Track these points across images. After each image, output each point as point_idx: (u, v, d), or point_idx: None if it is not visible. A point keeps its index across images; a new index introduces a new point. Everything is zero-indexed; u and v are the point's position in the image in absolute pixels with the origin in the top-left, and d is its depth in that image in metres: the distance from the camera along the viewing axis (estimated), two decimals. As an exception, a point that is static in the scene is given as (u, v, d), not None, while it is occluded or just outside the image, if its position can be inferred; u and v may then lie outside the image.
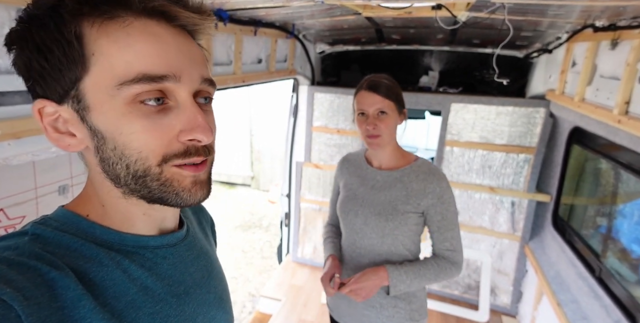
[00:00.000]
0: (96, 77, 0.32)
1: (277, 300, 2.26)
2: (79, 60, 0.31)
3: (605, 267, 1.46)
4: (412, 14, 1.40)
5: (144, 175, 0.34)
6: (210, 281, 0.45)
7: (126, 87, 0.31)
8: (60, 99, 0.33)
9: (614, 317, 1.27)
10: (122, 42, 0.31)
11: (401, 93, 0.96)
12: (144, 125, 0.33)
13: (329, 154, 2.36)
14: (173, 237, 0.41)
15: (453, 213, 0.95)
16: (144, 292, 0.36)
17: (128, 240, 0.37)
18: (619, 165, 1.37)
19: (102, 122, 0.33)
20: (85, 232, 0.36)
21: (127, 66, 0.31)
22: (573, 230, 1.78)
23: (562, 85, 1.56)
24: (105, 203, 0.37)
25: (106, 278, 0.33)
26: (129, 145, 0.33)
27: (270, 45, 1.71)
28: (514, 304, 2.12)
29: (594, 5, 0.93)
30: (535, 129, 1.89)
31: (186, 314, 0.39)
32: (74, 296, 0.30)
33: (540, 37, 1.65)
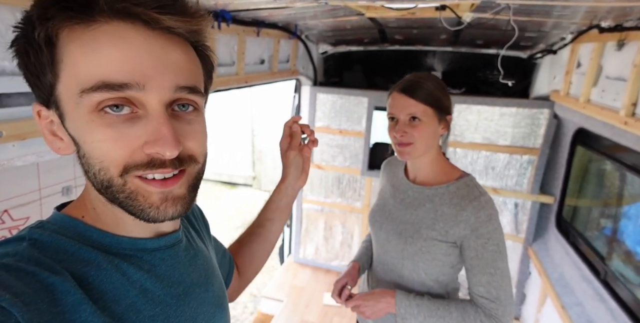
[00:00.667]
0: (65, 83, 0.31)
1: (279, 301, 2.26)
2: (49, 66, 0.31)
3: (610, 270, 1.44)
4: (416, 15, 1.40)
5: (109, 186, 0.33)
6: (208, 280, 0.45)
7: (87, 95, 0.30)
8: (47, 104, 0.34)
9: (620, 321, 1.25)
10: (87, 47, 0.30)
11: (445, 97, 0.82)
12: (106, 134, 0.31)
13: (331, 154, 2.35)
14: (170, 238, 0.41)
15: (493, 252, 0.76)
16: (144, 294, 0.36)
17: (125, 243, 0.37)
18: (624, 166, 1.35)
19: (72, 129, 0.33)
20: (82, 235, 0.35)
21: (89, 73, 0.30)
22: (577, 232, 1.77)
23: (567, 86, 1.55)
24: (95, 206, 0.37)
25: (105, 282, 0.33)
26: (92, 154, 0.32)
27: (272, 45, 1.71)
28: (517, 306, 2.11)
29: (600, 6, 0.93)
30: (539, 130, 1.88)
31: (186, 315, 0.39)
32: (74, 300, 0.30)
33: (545, 37, 1.64)
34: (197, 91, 0.35)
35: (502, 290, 0.76)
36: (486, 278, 0.76)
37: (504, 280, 0.77)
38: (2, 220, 0.69)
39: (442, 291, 0.86)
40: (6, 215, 0.69)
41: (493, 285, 0.76)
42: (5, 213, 0.69)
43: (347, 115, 2.25)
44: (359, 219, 2.41)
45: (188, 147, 0.35)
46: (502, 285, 0.76)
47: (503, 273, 0.77)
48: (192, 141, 0.35)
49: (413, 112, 0.79)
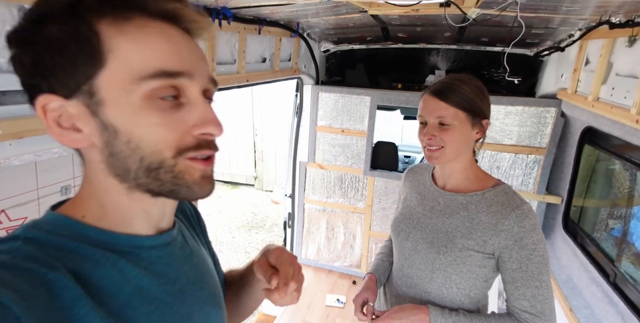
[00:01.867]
0: (113, 72, 0.33)
1: (281, 302, 2.24)
2: (96, 56, 0.33)
3: (620, 272, 1.41)
4: (420, 12, 1.37)
5: (157, 168, 0.35)
6: (203, 278, 0.46)
7: (145, 83, 0.33)
8: (70, 94, 0.34)
9: (630, 324, 1.22)
10: (139, 40, 0.33)
11: (482, 100, 0.78)
12: (161, 118, 0.34)
13: (333, 154, 2.33)
14: (167, 235, 0.42)
15: (539, 264, 0.72)
16: (140, 291, 0.36)
17: (122, 240, 0.37)
18: (635, 166, 1.32)
19: (117, 116, 0.34)
20: (78, 233, 0.36)
21: (145, 63, 0.33)
22: (585, 233, 1.73)
23: (575, 84, 1.51)
24: (104, 202, 0.37)
25: (103, 278, 0.34)
26: (146, 138, 0.34)
27: (274, 44, 1.69)
28: None
29: (612, 0, 0.90)
30: (546, 129, 1.85)
31: (182, 312, 0.40)
32: (73, 296, 0.31)
33: (552, 34, 1.61)
34: (217, 83, 0.39)
35: (547, 304, 0.72)
36: (531, 292, 0.72)
37: (549, 294, 0.73)
38: (0, 220, 0.68)
39: (474, 307, 0.81)
40: (3, 215, 0.69)
41: (538, 299, 0.72)
42: (3, 213, 0.68)
43: (349, 115, 2.23)
44: (361, 219, 2.39)
45: None
46: (547, 299, 0.72)
47: (548, 286, 0.73)
48: None
49: (443, 115, 0.76)
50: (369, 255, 2.41)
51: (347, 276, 2.47)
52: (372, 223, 2.36)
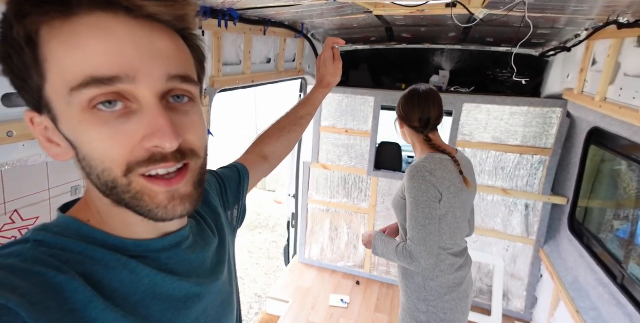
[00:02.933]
0: (53, 84, 0.30)
1: (285, 302, 2.24)
2: (34, 67, 0.29)
3: (628, 274, 1.40)
4: (425, 12, 1.37)
5: (114, 187, 0.32)
6: (217, 269, 0.46)
7: (77, 93, 0.29)
8: (38, 109, 0.32)
9: (637, 326, 1.21)
10: (70, 41, 0.28)
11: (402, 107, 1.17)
12: (102, 132, 0.30)
13: (337, 154, 2.33)
14: (176, 236, 0.40)
15: (411, 204, 1.05)
16: (153, 290, 0.36)
17: (129, 246, 0.36)
18: (642, 167, 1.31)
19: (67, 131, 0.31)
20: (87, 237, 0.35)
21: (75, 69, 0.29)
22: (592, 234, 1.72)
23: (582, 84, 1.50)
24: (100, 210, 0.36)
25: (114, 280, 0.34)
26: (92, 156, 0.31)
27: (279, 44, 1.70)
28: (528, 310, 2.06)
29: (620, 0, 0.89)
30: (551, 130, 1.84)
31: (196, 307, 0.40)
32: (84, 298, 0.30)
33: (558, 34, 1.60)
34: (191, 80, 0.33)
35: (416, 233, 1.04)
36: (410, 224, 1.06)
37: (418, 225, 1.04)
38: (12, 220, 0.69)
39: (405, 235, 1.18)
40: (16, 215, 0.69)
41: (411, 228, 1.05)
42: (16, 213, 0.69)
43: (353, 115, 2.23)
44: (365, 220, 2.39)
45: (188, 141, 0.33)
46: (416, 229, 1.04)
47: (416, 221, 1.04)
48: (192, 134, 0.34)
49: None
50: (373, 255, 2.41)
51: (351, 276, 2.47)
52: (375, 224, 2.35)
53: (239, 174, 0.64)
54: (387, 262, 2.40)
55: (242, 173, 0.65)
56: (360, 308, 2.19)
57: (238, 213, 0.61)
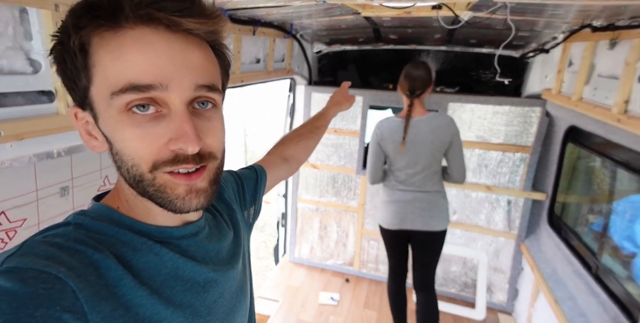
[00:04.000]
0: (97, 87, 0.35)
1: (275, 301, 2.25)
2: (83, 71, 0.34)
3: (601, 264, 1.48)
4: (412, 14, 1.41)
5: (140, 180, 0.36)
6: (233, 259, 0.49)
7: (117, 97, 0.34)
8: (83, 106, 0.37)
9: (611, 314, 1.29)
10: (115, 52, 0.33)
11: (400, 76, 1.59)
12: (135, 133, 0.35)
13: (326, 153, 2.35)
14: (194, 226, 0.44)
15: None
16: (175, 272, 0.40)
17: (153, 231, 0.41)
18: (616, 163, 1.39)
19: (105, 129, 0.36)
20: (117, 221, 0.39)
21: (118, 76, 0.33)
22: (569, 228, 1.81)
23: (559, 84, 1.58)
24: (127, 199, 0.41)
25: (141, 261, 0.37)
26: (124, 152, 0.36)
27: (268, 44, 1.70)
28: (510, 302, 2.15)
29: (594, 4, 0.95)
30: (531, 128, 1.92)
31: (214, 291, 0.44)
32: (116, 276, 0.34)
33: (537, 37, 1.68)
34: (215, 89, 0.38)
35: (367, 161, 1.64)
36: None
37: (368, 160, 1.64)
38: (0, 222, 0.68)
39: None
40: (3, 216, 0.68)
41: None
42: (2, 214, 0.68)
43: (341, 115, 2.25)
44: (354, 218, 2.42)
45: (208, 144, 0.38)
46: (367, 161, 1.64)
47: (369, 155, 1.64)
48: (212, 137, 0.38)
49: None
50: (362, 253, 2.45)
51: (340, 274, 2.49)
52: (364, 222, 2.39)
53: (256, 175, 0.68)
54: (376, 259, 2.44)
55: (259, 174, 0.69)
56: (349, 305, 2.22)
57: (254, 212, 0.66)
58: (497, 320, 2.11)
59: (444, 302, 2.16)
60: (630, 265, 1.81)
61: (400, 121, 1.55)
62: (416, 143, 1.53)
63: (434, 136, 1.53)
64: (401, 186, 1.61)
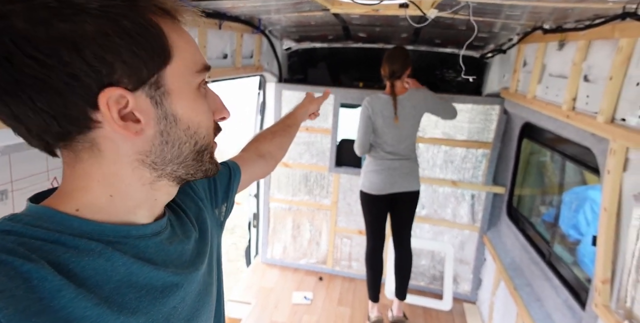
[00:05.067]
0: (176, 66, 0.37)
1: (247, 304, 2.19)
2: (166, 50, 0.35)
3: (553, 252, 1.60)
4: (380, 12, 1.43)
5: (204, 149, 0.41)
6: (197, 260, 0.47)
7: (198, 75, 0.38)
8: (137, 86, 0.35)
9: (562, 297, 1.39)
10: (184, 37, 0.38)
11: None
12: (205, 106, 0.40)
13: (298, 152, 2.33)
14: (156, 225, 0.42)
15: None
16: (129, 278, 0.37)
17: (108, 230, 0.37)
18: (564, 156, 1.50)
19: (180, 105, 0.37)
20: (61, 225, 0.35)
21: (194, 57, 0.38)
22: (525, 219, 1.93)
23: (515, 83, 1.68)
24: (118, 192, 0.38)
25: (87, 268, 0.34)
26: (202, 124, 0.39)
27: (235, 40, 1.65)
28: (474, 291, 2.25)
29: (544, 6, 1.01)
30: (492, 125, 2.03)
31: (175, 295, 0.41)
32: (52, 287, 0.31)
33: (495, 38, 1.77)
34: None
35: (357, 134, 1.82)
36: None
37: (357, 132, 1.83)
38: None
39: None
40: None
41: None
42: None
43: (313, 112, 2.25)
44: (327, 216, 2.42)
45: None
46: (357, 133, 1.83)
47: (358, 128, 1.81)
48: None
49: None
50: (335, 251, 2.46)
51: (314, 273, 2.48)
52: (337, 219, 2.40)
53: (230, 171, 0.66)
54: (349, 257, 2.46)
55: (233, 171, 0.67)
56: (323, 303, 2.21)
57: (226, 210, 0.64)
58: (462, 310, 2.21)
59: (413, 295, 2.22)
60: (575, 251, 1.97)
61: (387, 98, 1.75)
62: (401, 117, 1.76)
63: (415, 111, 1.79)
64: (389, 156, 1.82)
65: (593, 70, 1.07)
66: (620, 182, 0.92)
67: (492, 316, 1.94)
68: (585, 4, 0.85)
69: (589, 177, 2.22)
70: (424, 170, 2.17)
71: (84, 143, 0.35)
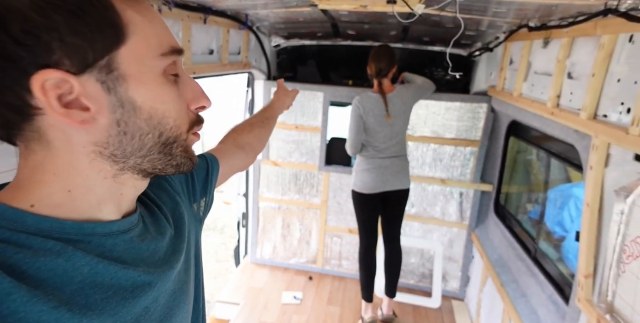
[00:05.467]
0: (134, 47, 0.32)
1: (235, 304, 2.16)
2: (118, 29, 0.32)
3: (539, 248, 1.61)
4: (368, 9, 1.42)
5: (173, 142, 0.37)
6: (172, 258, 0.44)
7: (162, 59, 0.34)
8: (82, 69, 0.31)
9: (547, 292, 1.40)
10: (146, 15, 0.33)
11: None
12: (173, 95, 0.36)
13: (287, 150, 2.31)
14: (125, 222, 0.39)
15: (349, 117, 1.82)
16: (93, 278, 0.34)
17: (68, 228, 0.34)
18: (549, 154, 1.52)
19: (140, 92, 0.33)
20: (13, 222, 0.32)
21: (159, 39, 0.34)
22: (512, 216, 1.95)
23: (502, 81, 1.70)
24: (75, 187, 0.35)
25: (44, 269, 0.31)
26: (168, 114, 0.35)
27: (222, 35, 1.62)
28: (462, 288, 2.27)
29: (530, 2, 1.02)
30: (479, 123, 2.05)
31: (146, 295, 0.39)
32: (1, 290, 0.28)
33: (482, 36, 1.79)
34: None
35: (348, 133, 1.81)
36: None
37: (349, 132, 1.80)
38: None
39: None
40: None
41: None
42: None
43: (302, 111, 2.23)
44: (317, 215, 2.41)
45: None
46: (348, 133, 1.81)
47: (350, 128, 1.79)
48: None
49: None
50: (325, 250, 2.44)
51: (304, 272, 2.47)
52: (327, 218, 2.39)
53: (207, 164, 0.63)
54: (339, 255, 2.45)
55: (211, 164, 0.63)
56: (313, 302, 2.20)
57: (205, 205, 0.60)
58: (451, 307, 2.22)
59: (403, 293, 2.22)
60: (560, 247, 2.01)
61: (377, 96, 1.75)
62: (393, 115, 1.76)
63: (405, 107, 1.81)
64: (381, 154, 1.83)
65: (576, 67, 1.08)
66: (602, 177, 0.93)
67: (479, 312, 1.95)
68: (568, 1, 0.86)
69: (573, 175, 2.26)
70: (413, 168, 2.17)
71: (32, 132, 0.32)
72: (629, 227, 0.83)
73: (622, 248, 0.84)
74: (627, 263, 0.83)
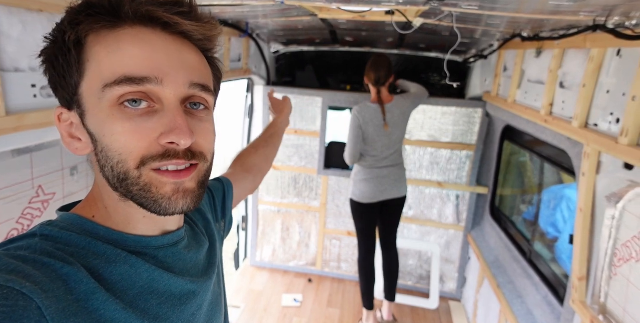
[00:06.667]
0: (89, 81, 0.34)
1: (236, 308, 2.18)
2: (76, 66, 0.34)
3: (534, 250, 1.66)
4: (366, 18, 1.46)
5: (125, 178, 0.35)
6: (209, 270, 0.48)
7: (109, 89, 0.33)
8: (70, 105, 0.36)
9: (542, 293, 1.45)
10: (112, 46, 0.34)
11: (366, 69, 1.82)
12: (125, 127, 0.34)
13: (287, 154, 2.34)
14: (174, 236, 0.43)
15: (348, 127, 1.82)
16: (150, 284, 0.38)
17: (130, 241, 0.39)
18: (542, 158, 1.57)
19: (93, 124, 0.35)
20: (90, 232, 0.37)
21: (112, 69, 0.33)
22: (507, 218, 2.00)
23: (496, 88, 1.74)
24: (107, 205, 0.39)
25: (114, 273, 0.36)
26: (111, 147, 0.34)
27: (223, 43, 1.65)
28: (459, 289, 2.31)
29: (520, 17, 1.06)
30: (475, 128, 2.09)
31: (192, 302, 0.42)
32: (87, 289, 0.32)
33: (476, 44, 1.83)
34: (209, 89, 0.38)
35: (347, 144, 1.82)
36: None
37: (348, 142, 1.81)
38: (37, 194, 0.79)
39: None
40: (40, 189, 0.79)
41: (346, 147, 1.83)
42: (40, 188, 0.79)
43: (301, 115, 2.26)
44: (316, 218, 2.43)
45: (199, 143, 0.37)
46: (347, 145, 1.82)
47: (349, 138, 1.80)
48: (203, 138, 0.37)
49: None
50: (324, 252, 2.47)
51: (303, 275, 2.49)
52: (326, 221, 2.42)
53: (224, 187, 0.66)
54: (339, 258, 2.48)
55: (226, 187, 0.67)
56: (313, 305, 2.22)
57: (225, 225, 0.64)
58: (448, 308, 2.26)
59: (401, 295, 2.26)
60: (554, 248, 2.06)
61: (376, 107, 1.78)
62: (391, 125, 1.79)
63: (404, 116, 1.84)
64: (379, 164, 1.85)
65: (568, 77, 1.12)
66: (594, 184, 0.97)
67: (476, 313, 1.99)
68: (558, 16, 0.90)
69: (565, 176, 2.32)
70: (410, 171, 2.21)
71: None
72: (619, 232, 0.87)
73: (613, 251, 0.88)
74: (618, 266, 0.87)
